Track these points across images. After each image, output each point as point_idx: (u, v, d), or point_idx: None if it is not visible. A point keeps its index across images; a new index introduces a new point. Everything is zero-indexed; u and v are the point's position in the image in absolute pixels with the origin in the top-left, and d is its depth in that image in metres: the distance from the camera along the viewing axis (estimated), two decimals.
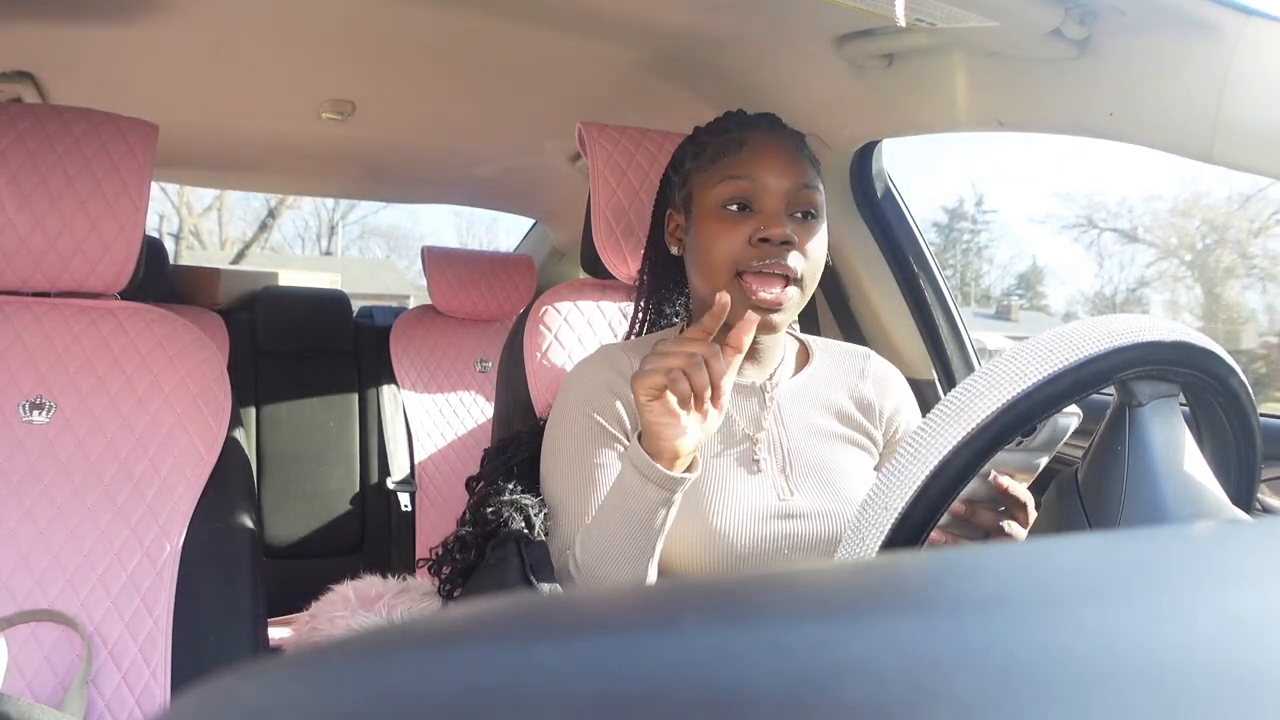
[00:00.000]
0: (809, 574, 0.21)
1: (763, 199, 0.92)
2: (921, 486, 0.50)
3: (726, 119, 1.00)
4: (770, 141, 0.94)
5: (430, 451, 2.07)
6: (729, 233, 0.92)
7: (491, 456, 1.06)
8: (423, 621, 0.18)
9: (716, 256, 0.92)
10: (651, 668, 0.15)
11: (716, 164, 0.95)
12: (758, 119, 0.98)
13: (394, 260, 22.36)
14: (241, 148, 1.97)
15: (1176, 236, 18.72)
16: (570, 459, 0.95)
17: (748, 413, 0.97)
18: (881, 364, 1.07)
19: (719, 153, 0.95)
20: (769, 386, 0.99)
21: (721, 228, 0.92)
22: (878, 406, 1.02)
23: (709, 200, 0.94)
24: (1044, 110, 1.07)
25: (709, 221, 0.94)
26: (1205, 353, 0.58)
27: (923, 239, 1.49)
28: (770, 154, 0.93)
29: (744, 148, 0.94)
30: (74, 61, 1.40)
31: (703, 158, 0.97)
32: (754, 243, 0.91)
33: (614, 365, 0.98)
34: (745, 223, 0.92)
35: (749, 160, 0.93)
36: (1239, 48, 0.83)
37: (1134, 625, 0.18)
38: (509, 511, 0.93)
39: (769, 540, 0.90)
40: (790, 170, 0.93)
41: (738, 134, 0.96)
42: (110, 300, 1.10)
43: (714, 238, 0.93)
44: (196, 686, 0.16)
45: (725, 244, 0.92)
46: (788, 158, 0.94)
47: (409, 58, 1.43)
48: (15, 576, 0.96)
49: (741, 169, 0.93)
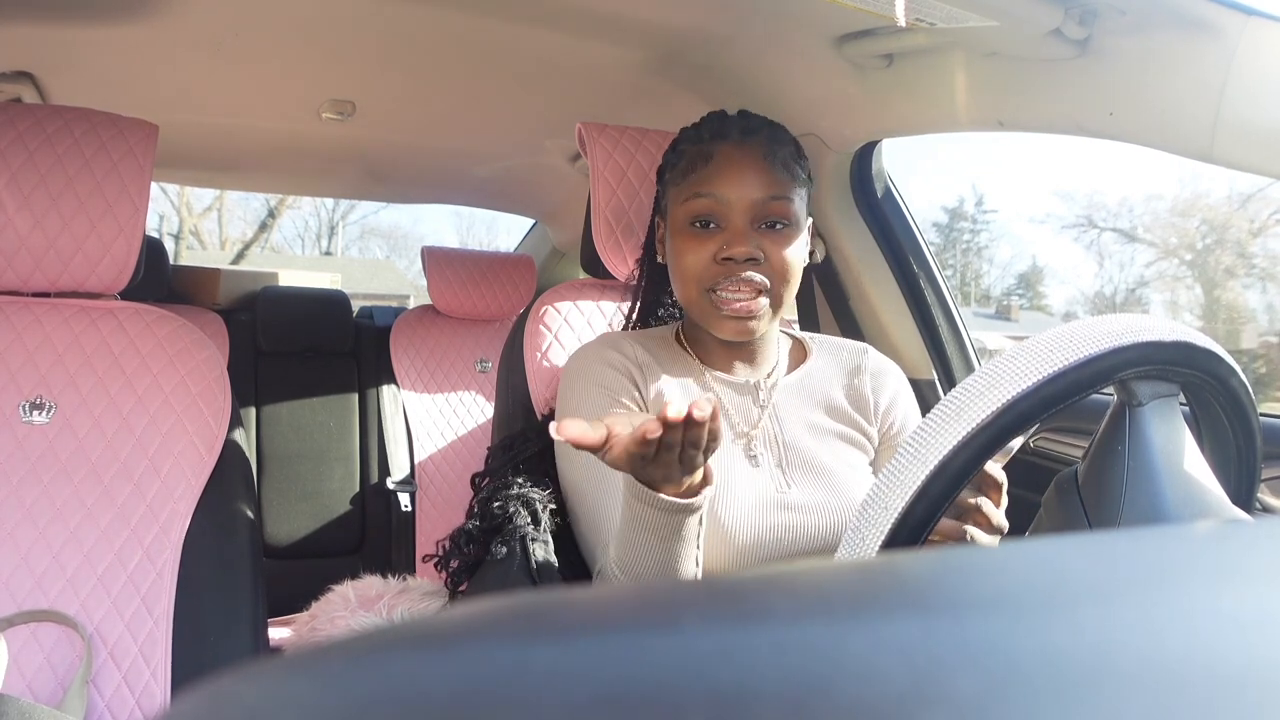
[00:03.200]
0: (809, 574, 0.21)
1: (728, 215, 0.93)
2: (921, 486, 0.50)
3: (703, 125, 0.99)
4: (736, 154, 0.93)
5: (430, 451, 2.07)
6: (695, 250, 0.93)
7: (497, 453, 1.06)
8: (422, 621, 0.18)
9: (684, 272, 0.94)
10: (652, 668, 0.15)
11: (686, 179, 0.96)
12: (729, 125, 0.97)
13: (394, 260, 22.37)
14: (241, 148, 1.97)
15: (1176, 236, 18.73)
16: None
17: (743, 410, 0.98)
18: (879, 359, 1.07)
19: (689, 166, 0.96)
20: (764, 384, 1.00)
21: (688, 245, 0.94)
22: (873, 402, 1.02)
23: (678, 216, 0.96)
24: (1044, 110, 1.07)
25: (678, 237, 0.96)
26: (1205, 353, 0.58)
27: (923, 239, 1.49)
28: (735, 168, 0.93)
29: (710, 162, 0.94)
30: (74, 61, 1.40)
31: (676, 170, 0.98)
32: (719, 261, 0.92)
33: (617, 348, 0.99)
34: (711, 239, 0.93)
35: (714, 176, 0.93)
36: (1239, 48, 0.83)
37: (1134, 625, 0.18)
38: (515, 506, 0.93)
39: (768, 531, 0.90)
40: (757, 183, 0.93)
41: (707, 146, 0.95)
42: (110, 300, 1.10)
43: (682, 254, 0.95)
44: (196, 686, 0.16)
45: (692, 261, 0.93)
46: (754, 170, 0.93)
47: (409, 58, 1.43)
48: (15, 576, 0.96)
49: (706, 185, 0.93)
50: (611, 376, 0.96)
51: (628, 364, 0.97)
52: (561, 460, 0.99)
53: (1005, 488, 0.74)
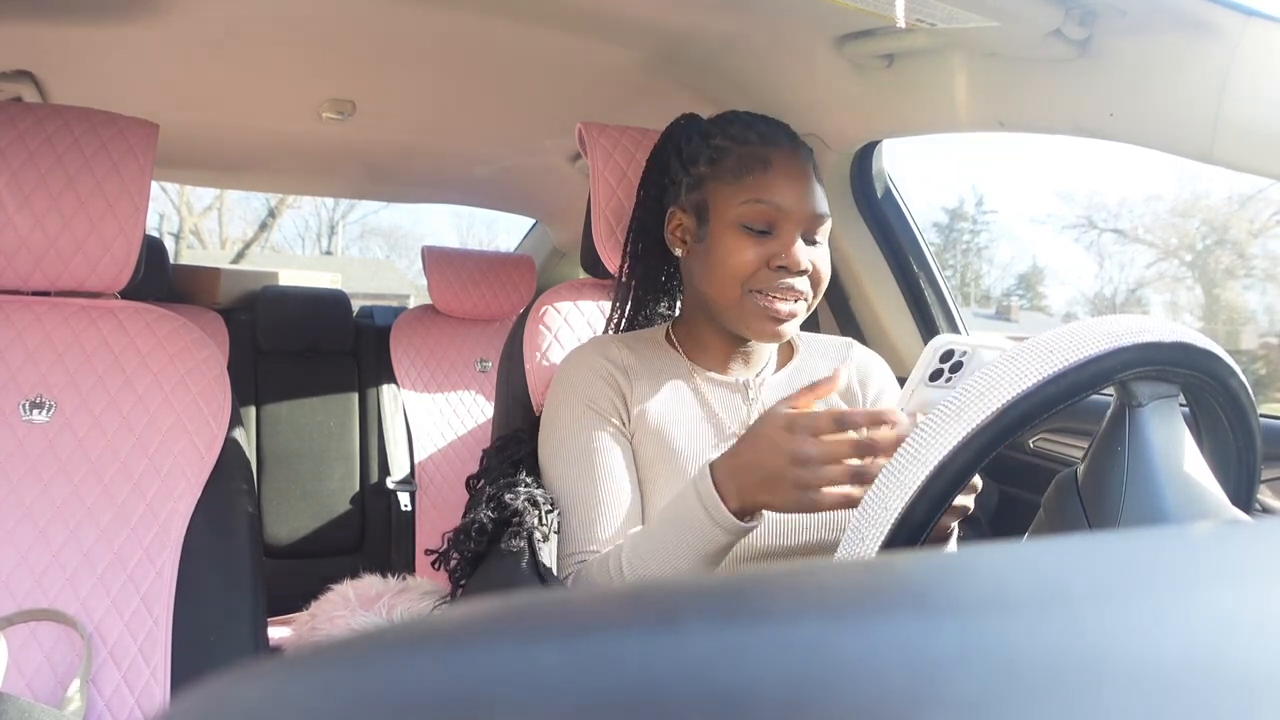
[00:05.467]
0: (809, 574, 0.21)
1: (784, 226, 0.94)
2: (921, 486, 0.50)
3: (742, 124, 1.00)
4: (792, 166, 0.95)
5: (430, 451, 2.07)
6: (744, 251, 0.94)
7: (491, 455, 1.07)
8: (422, 621, 0.18)
9: (732, 271, 0.94)
10: (652, 667, 0.15)
11: (740, 181, 0.95)
12: (777, 133, 0.98)
13: (394, 260, 22.35)
14: (241, 147, 1.97)
15: (1176, 237, 18.72)
16: (570, 448, 0.96)
17: (732, 409, 1.00)
18: (864, 352, 1.09)
19: (743, 168, 0.96)
20: (753, 383, 1.02)
21: (741, 245, 0.94)
22: (860, 395, 1.04)
23: (730, 216, 0.95)
24: (1044, 110, 1.07)
25: (729, 236, 0.95)
26: (1205, 353, 0.58)
27: (923, 239, 1.49)
28: (795, 180, 0.95)
29: (770, 169, 0.95)
30: (74, 61, 1.40)
31: (722, 167, 0.97)
32: (772, 268, 0.93)
33: (606, 354, 1.00)
34: (764, 245, 0.94)
35: (775, 185, 0.94)
36: (1239, 48, 0.83)
37: (1134, 625, 0.18)
38: (525, 504, 0.93)
39: (759, 529, 0.90)
40: (810, 197, 0.95)
41: (760, 149, 0.96)
42: (110, 299, 1.10)
43: (731, 253, 0.94)
44: (196, 686, 0.16)
45: (741, 261, 0.94)
46: (808, 184, 0.96)
47: (409, 58, 1.43)
48: (15, 576, 0.96)
49: (767, 193, 0.94)
50: (599, 388, 0.97)
51: (613, 370, 0.98)
52: (546, 460, 0.99)
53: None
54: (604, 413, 0.96)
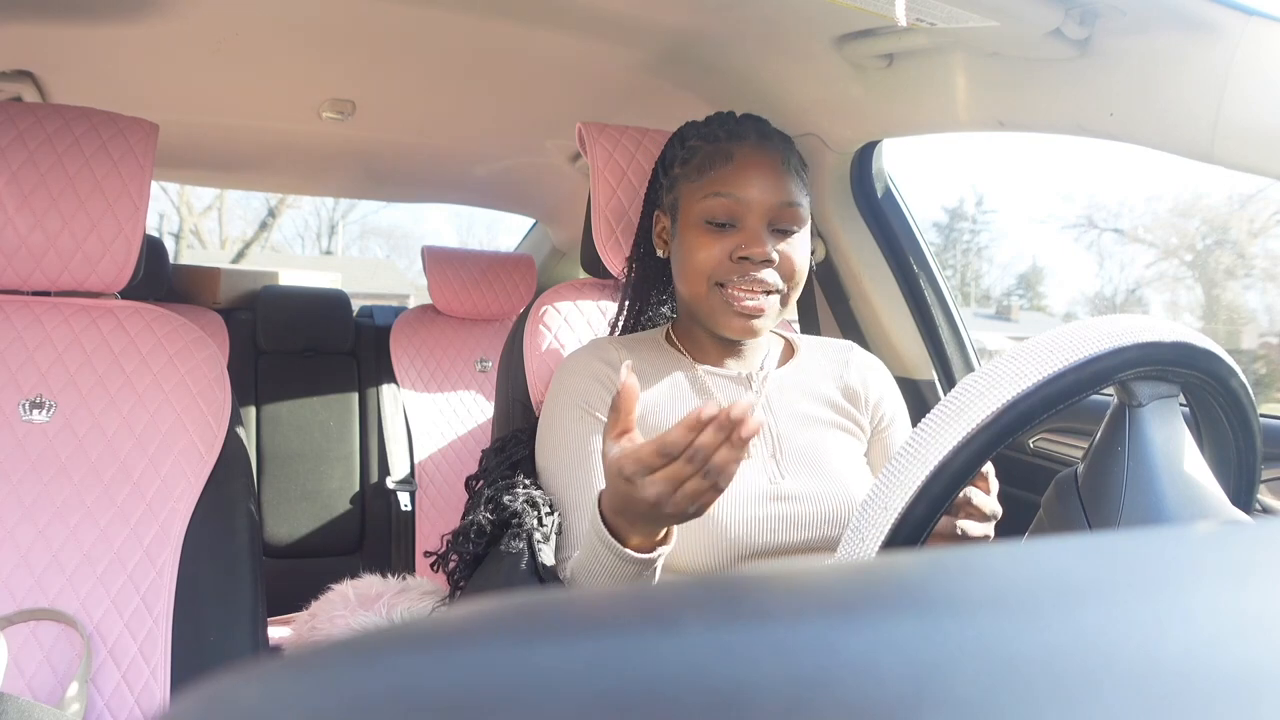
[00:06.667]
0: (809, 574, 0.21)
1: (746, 217, 0.95)
2: (921, 486, 0.50)
3: (716, 123, 1.01)
4: (757, 157, 0.96)
5: (430, 451, 2.07)
6: (708, 247, 0.95)
7: (490, 455, 1.07)
8: (422, 621, 0.18)
9: (698, 267, 0.95)
10: (652, 667, 0.15)
11: (704, 176, 0.97)
12: (746, 127, 0.99)
13: (394, 260, 22.35)
14: (241, 147, 1.97)
15: (1176, 237, 18.72)
16: (566, 451, 0.96)
17: (737, 398, 0.99)
18: (864, 355, 1.09)
19: (706, 164, 0.97)
20: (757, 376, 1.02)
21: (704, 240, 0.95)
22: (863, 395, 1.04)
23: (694, 212, 0.97)
24: (1044, 110, 1.07)
25: (693, 233, 0.96)
26: (1205, 353, 0.58)
27: (923, 239, 1.49)
28: (756, 171, 0.95)
29: (731, 162, 0.95)
30: (74, 61, 1.40)
31: (690, 165, 0.99)
32: (735, 259, 0.94)
33: (603, 357, 1.00)
34: (728, 238, 0.95)
35: (735, 177, 0.95)
36: (1239, 48, 0.83)
37: (1134, 625, 0.18)
38: (524, 505, 0.93)
39: (762, 522, 0.90)
40: (776, 188, 0.95)
41: (725, 145, 0.97)
42: (110, 299, 1.10)
43: (696, 249, 0.96)
44: (196, 686, 0.16)
45: (706, 256, 0.95)
46: (774, 175, 0.95)
47: (409, 58, 1.43)
48: (15, 575, 0.96)
49: (727, 186, 0.95)
50: (595, 391, 0.97)
51: (610, 373, 0.98)
52: (543, 463, 0.99)
53: (992, 474, 0.76)
54: (599, 415, 0.97)
